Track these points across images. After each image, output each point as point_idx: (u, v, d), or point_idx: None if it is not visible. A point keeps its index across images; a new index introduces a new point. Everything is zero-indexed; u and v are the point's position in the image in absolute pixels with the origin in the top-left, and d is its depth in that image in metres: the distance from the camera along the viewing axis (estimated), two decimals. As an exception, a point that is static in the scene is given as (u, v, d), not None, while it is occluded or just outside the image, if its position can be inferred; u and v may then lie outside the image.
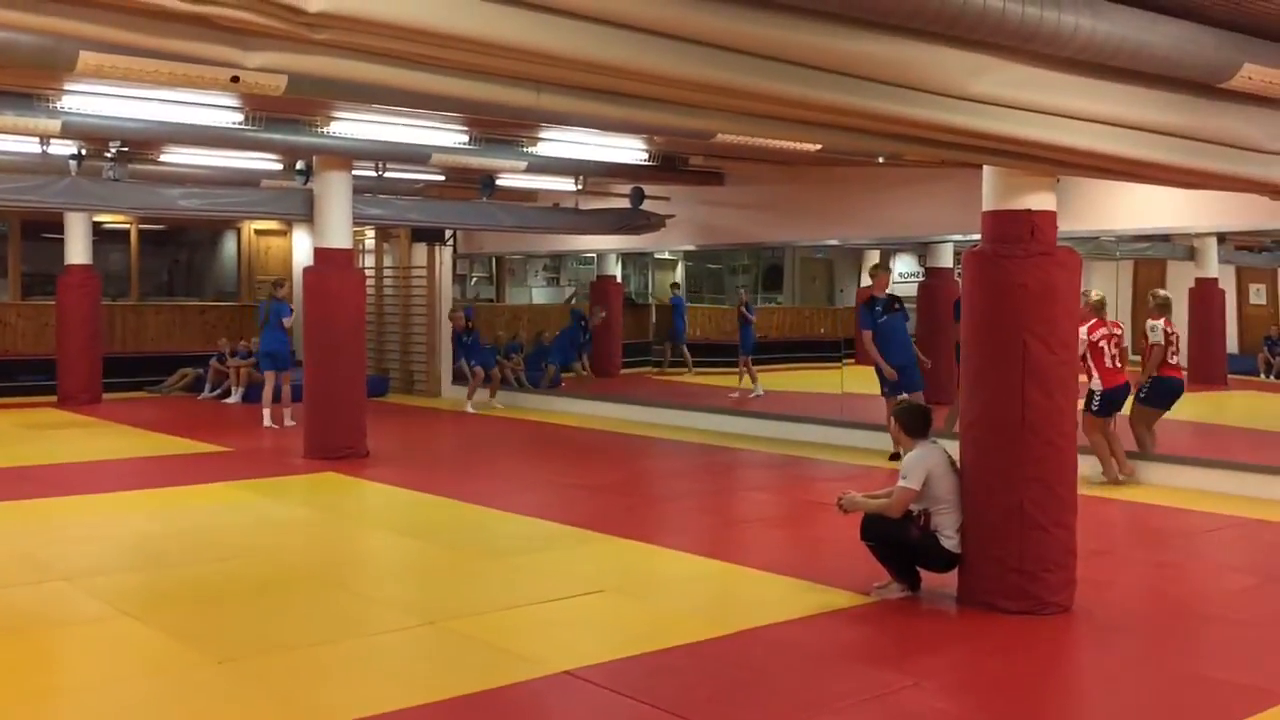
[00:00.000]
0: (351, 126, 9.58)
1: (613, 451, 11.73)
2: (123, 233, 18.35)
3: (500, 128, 10.12)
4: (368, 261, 17.68)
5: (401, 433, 12.75)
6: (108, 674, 4.88)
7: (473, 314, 15.90)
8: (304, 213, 11.62)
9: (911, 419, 5.96)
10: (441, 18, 3.36)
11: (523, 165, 11.26)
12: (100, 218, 16.17)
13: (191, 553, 7.04)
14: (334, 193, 10.88)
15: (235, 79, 5.53)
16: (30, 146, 10.49)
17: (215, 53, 3.68)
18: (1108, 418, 9.34)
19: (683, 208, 13.88)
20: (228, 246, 20.16)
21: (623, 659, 4.98)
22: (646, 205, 13.65)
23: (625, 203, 13.75)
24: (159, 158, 11.76)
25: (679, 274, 20.58)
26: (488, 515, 8.22)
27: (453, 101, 5.69)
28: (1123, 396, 9.45)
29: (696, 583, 6.56)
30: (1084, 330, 8.88)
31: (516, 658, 5.01)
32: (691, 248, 15.23)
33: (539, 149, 10.95)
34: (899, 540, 5.85)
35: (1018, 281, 5.61)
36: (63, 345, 15.09)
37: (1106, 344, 9.28)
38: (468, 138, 10.26)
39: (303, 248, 18.63)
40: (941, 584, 5.93)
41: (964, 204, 7.49)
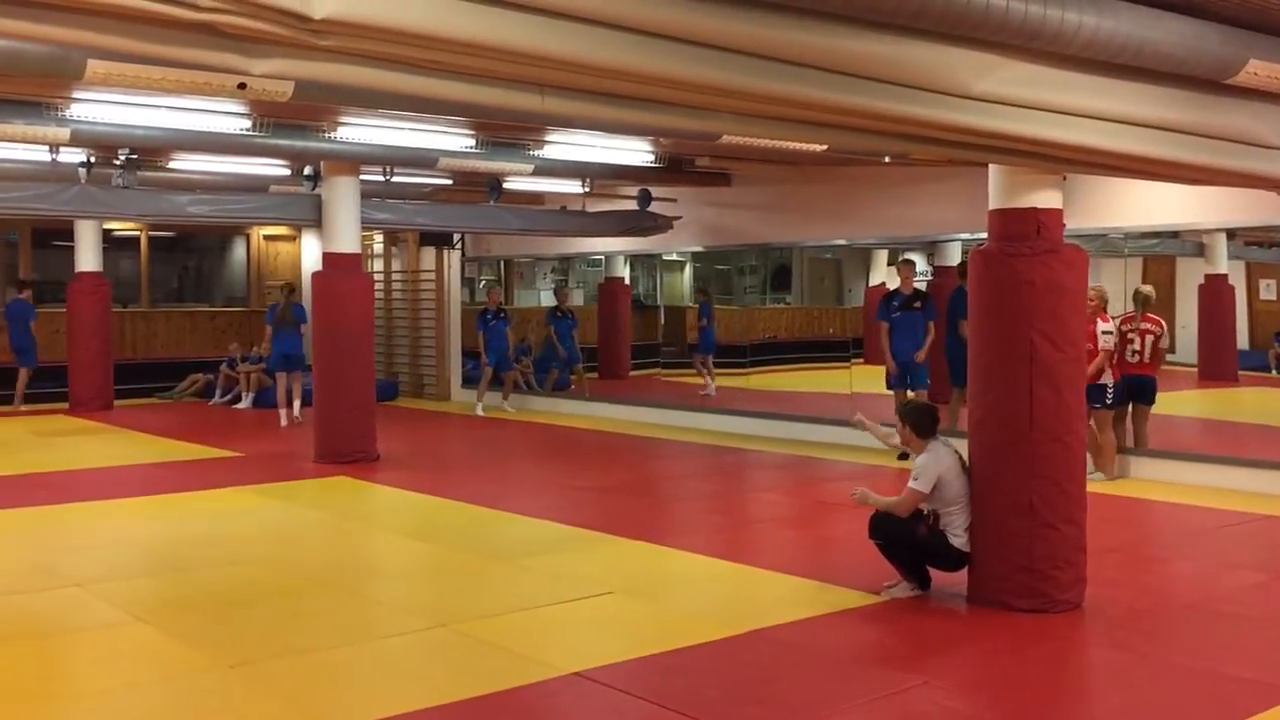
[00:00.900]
0: (359, 131, 9.60)
1: (622, 453, 11.74)
2: (132, 240, 18.42)
3: (507, 131, 10.14)
4: (376, 266, 17.72)
5: (411, 436, 12.78)
6: (121, 679, 4.90)
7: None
8: (312, 218, 11.65)
9: (919, 418, 5.96)
10: (446, 23, 3.37)
11: (530, 168, 11.28)
12: (110, 225, 16.23)
13: (204, 558, 7.07)
14: (342, 197, 10.92)
15: (242, 86, 5.55)
16: (40, 155, 10.54)
17: (222, 60, 3.69)
18: (1113, 409, 9.39)
19: (690, 209, 13.89)
20: (237, 252, 20.22)
21: (633, 660, 4.99)
22: (654, 207, 13.67)
23: (633, 205, 13.76)
24: (168, 164, 11.81)
25: (687, 275, 20.60)
26: (498, 518, 8.24)
27: (458, 106, 5.69)
28: (1136, 386, 9.55)
29: (707, 583, 6.57)
30: (1114, 323, 9.36)
31: (527, 660, 5.02)
32: (699, 249, 15.24)
33: (546, 152, 10.97)
34: (907, 539, 5.85)
35: (1025, 279, 5.61)
36: (74, 352, 15.15)
37: (1139, 337, 9.50)
38: (474, 141, 10.28)
39: (311, 253, 18.66)
40: (951, 583, 5.93)
41: (971, 202, 7.48)
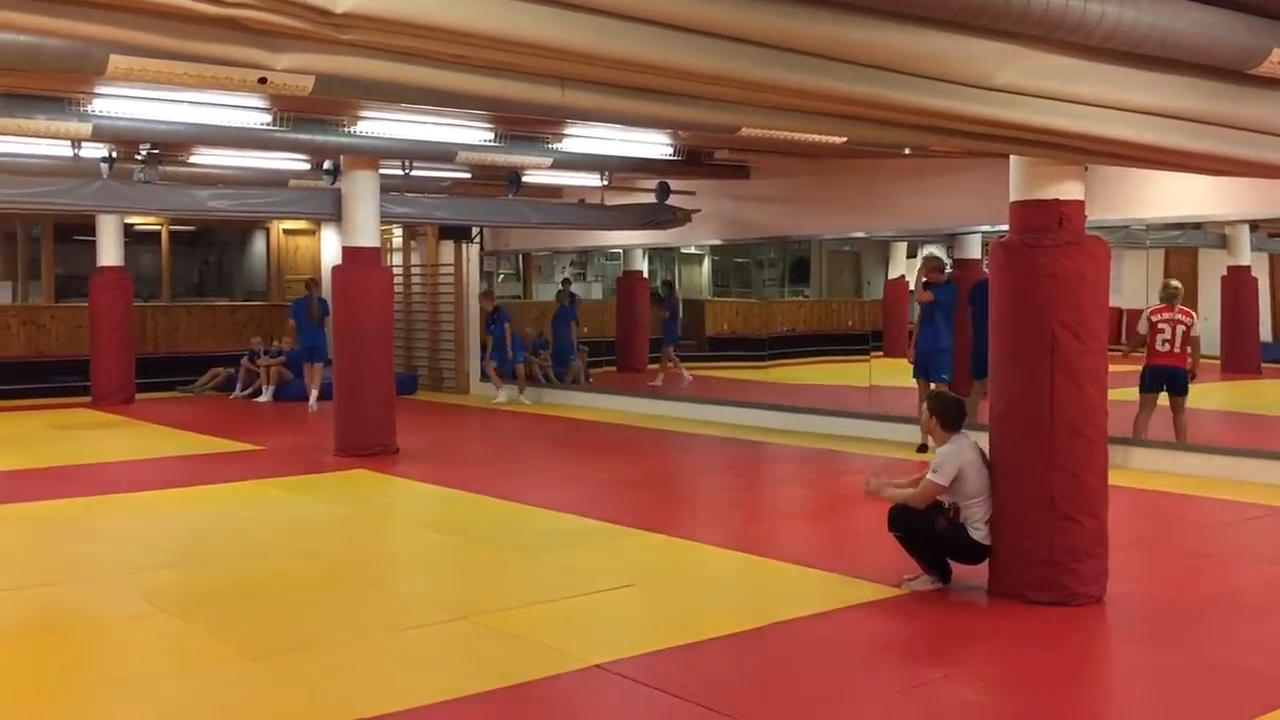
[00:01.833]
0: (378, 125, 9.63)
1: (641, 446, 11.75)
2: (154, 234, 18.54)
3: (526, 125, 10.15)
4: (395, 260, 17.77)
5: (431, 430, 12.81)
6: (147, 670, 4.95)
7: (501, 310, 15.83)
8: (332, 212, 11.69)
9: (946, 410, 5.94)
10: (467, 16, 3.38)
11: (548, 162, 11.29)
12: (131, 220, 16.34)
13: (226, 550, 7.12)
14: (361, 192, 10.95)
15: (263, 80, 5.56)
16: (62, 150, 10.62)
17: (244, 55, 3.71)
18: (1151, 394, 9.64)
19: (709, 202, 13.87)
20: (257, 246, 20.33)
21: (654, 653, 5.00)
22: (672, 200, 13.66)
23: (651, 198, 13.76)
24: (188, 159, 11.87)
25: (705, 268, 20.59)
26: (518, 511, 8.26)
27: (478, 99, 5.72)
28: (1163, 376, 9.66)
29: (727, 576, 6.57)
30: (1147, 312, 9.65)
31: (548, 651, 5.04)
32: (718, 242, 15.21)
33: (564, 145, 10.97)
34: (927, 532, 5.84)
35: (1046, 271, 5.58)
36: (96, 346, 15.25)
37: (1169, 327, 9.62)
38: (493, 135, 10.29)
39: (331, 247, 18.74)
40: (972, 576, 5.91)
41: (991, 194, 7.44)
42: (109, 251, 15.38)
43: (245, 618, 5.64)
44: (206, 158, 11.77)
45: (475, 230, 16.47)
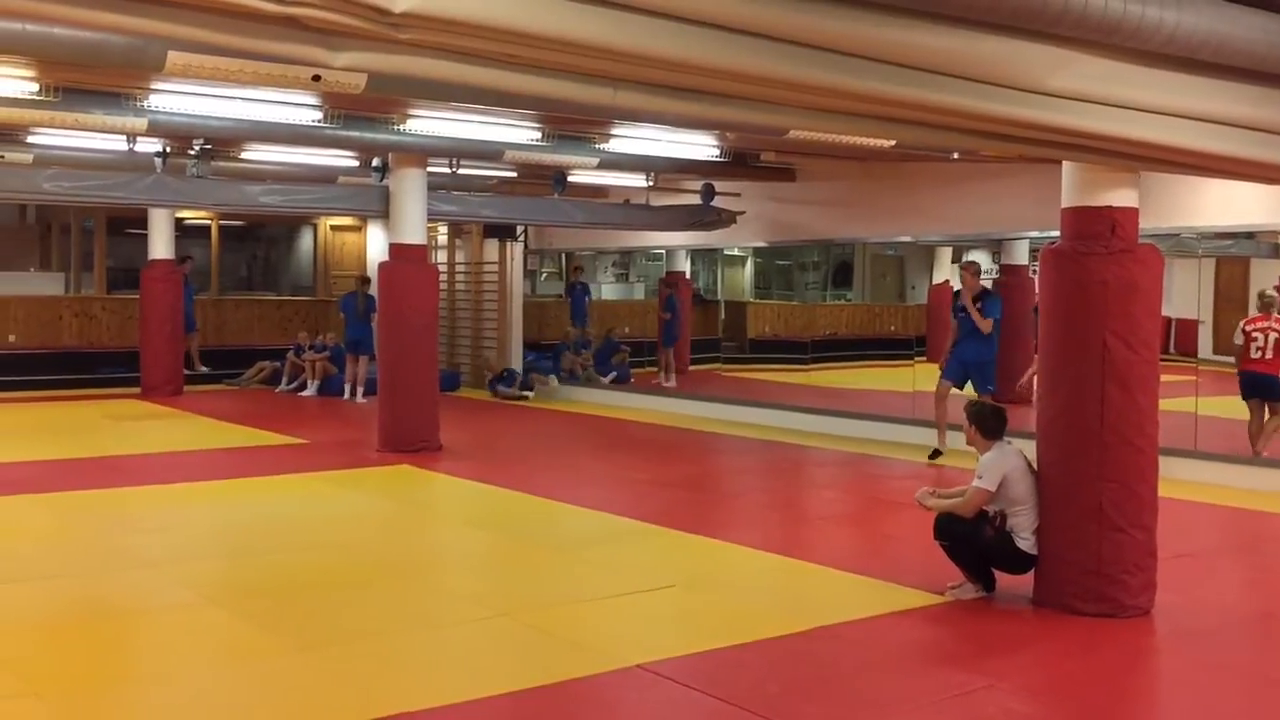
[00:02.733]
0: (427, 124, 9.70)
1: (681, 447, 11.75)
2: (204, 228, 18.77)
3: (573, 124, 10.18)
4: (440, 257, 17.87)
5: (473, 427, 12.88)
6: (193, 660, 5.01)
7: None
8: (380, 209, 11.79)
9: (985, 419, 5.90)
10: (523, 17, 3.40)
11: (594, 162, 11.32)
12: (182, 213, 16.53)
13: (272, 542, 7.19)
14: (409, 189, 11.02)
15: (316, 78, 5.62)
16: (118, 144, 10.78)
17: (302, 53, 3.76)
18: (1250, 401, 9.73)
19: (753, 204, 13.84)
20: (304, 242, 20.54)
21: (694, 654, 5.00)
22: (717, 201, 13.64)
23: (696, 199, 13.75)
24: (240, 155, 12.02)
25: (748, 270, 20.57)
26: (558, 509, 8.29)
27: (531, 99, 5.74)
28: (1258, 382, 9.77)
29: (767, 579, 6.56)
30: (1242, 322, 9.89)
31: (589, 651, 5.06)
32: (762, 244, 15.18)
33: (611, 145, 11.00)
34: (973, 541, 5.79)
35: (1098, 279, 5.52)
36: (146, 338, 15.46)
37: (1263, 335, 9.73)
38: (541, 135, 10.34)
39: (377, 243, 18.87)
40: (1017, 585, 5.86)
41: (1041, 200, 7.38)
42: (160, 244, 15.58)
43: (290, 610, 5.70)
44: (258, 154, 11.91)
45: (520, 229, 16.54)
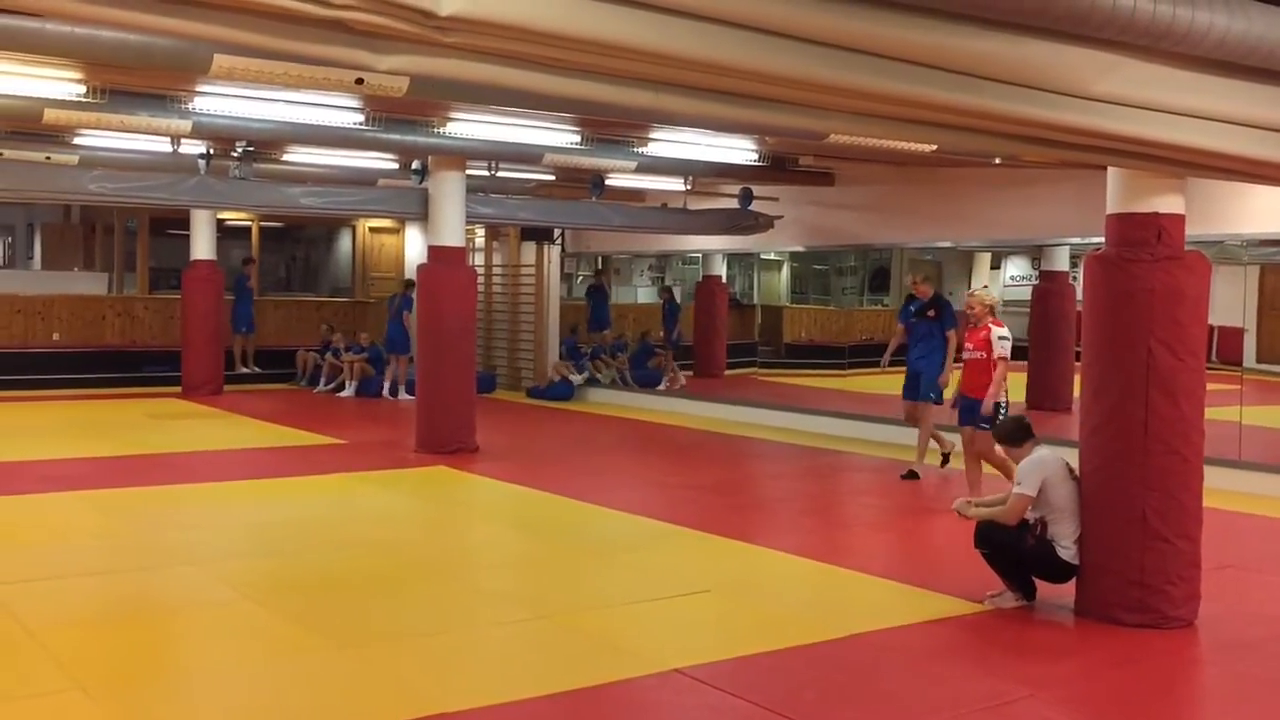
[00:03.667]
0: (467, 127, 9.75)
1: (717, 452, 11.73)
2: (244, 229, 18.96)
3: (611, 128, 10.20)
4: (478, 259, 17.95)
5: (509, 429, 12.92)
6: (233, 657, 5.06)
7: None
8: (419, 211, 11.86)
9: (1008, 433, 5.92)
10: (567, 20, 3.41)
11: (633, 165, 11.33)
12: (223, 215, 16.72)
13: (310, 541, 7.25)
14: (448, 192, 11.08)
15: (359, 81, 5.66)
16: (162, 146, 10.93)
17: (348, 56, 3.78)
18: None
19: (791, 208, 13.80)
20: (343, 243, 20.69)
21: (731, 659, 4.99)
22: (755, 205, 13.62)
23: (733, 203, 13.73)
24: (282, 157, 12.13)
25: (785, 275, 20.50)
26: (594, 512, 8.30)
27: (573, 102, 5.75)
28: None
29: (803, 585, 6.53)
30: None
31: (626, 654, 5.06)
32: (800, 248, 15.13)
33: (649, 149, 11.00)
34: (1013, 549, 5.74)
35: (1144, 286, 5.46)
36: (187, 337, 15.64)
37: None
38: (579, 138, 10.36)
39: (415, 245, 19.00)
40: (1058, 594, 5.81)
41: (1083, 205, 7.33)
42: (202, 245, 15.75)
43: (329, 608, 5.74)
44: (299, 156, 12.02)
45: (557, 232, 16.57)
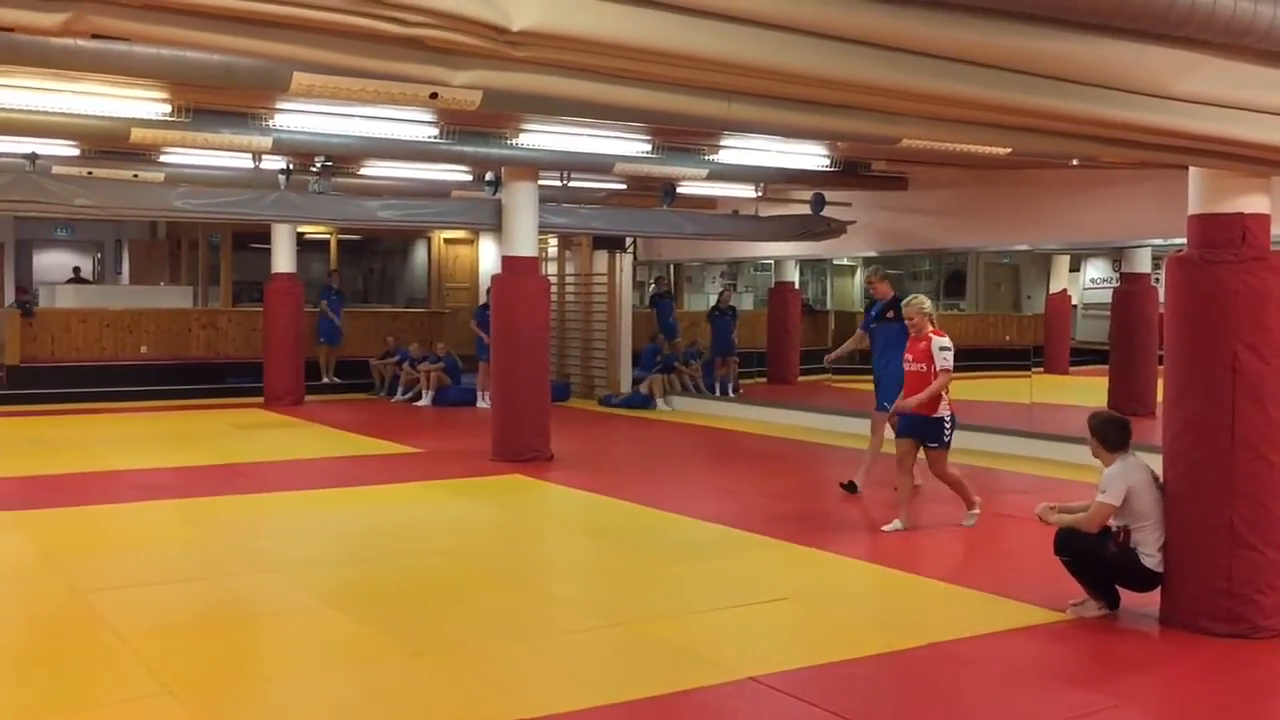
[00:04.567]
0: (538, 138, 9.84)
1: (790, 458, 11.68)
2: (323, 243, 19.34)
3: (682, 136, 10.22)
4: (550, 269, 18.09)
5: (583, 437, 13.00)
6: (314, 663, 5.15)
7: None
8: (493, 222, 11.99)
9: (1108, 430, 5.73)
10: (639, 32, 3.44)
11: (704, 173, 11.34)
12: (303, 228, 17.07)
13: (389, 549, 7.36)
14: (521, 203, 11.18)
15: (434, 95, 5.77)
16: (243, 162, 11.19)
17: (424, 72, 3.85)
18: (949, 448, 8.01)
19: (864, 213, 13.71)
20: (418, 255, 20.99)
21: (808, 667, 4.96)
22: (827, 211, 13.55)
23: (805, 209, 13.67)
24: (359, 171, 12.35)
25: (858, 280, 20.33)
26: (668, 520, 8.31)
27: (645, 113, 5.79)
28: None
29: (879, 593, 6.48)
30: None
31: (702, 661, 5.06)
32: (873, 254, 15.01)
33: (720, 156, 11.01)
34: (1095, 556, 5.64)
35: (1229, 288, 5.33)
36: (269, 349, 15.98)
37: None
38: (650, 146, 10.40)
39: (488, 256, 19.21)
40: (1142, 603, 5.69)
41: (1164, 206, 7.18)
42: (282, 258, 16.09)
43: (407, 615, 5.82)
44: (375, 169, 12.23)
45: (629, 240, 16.65)
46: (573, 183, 12.70)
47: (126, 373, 16.41)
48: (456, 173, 12.50)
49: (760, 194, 13.56)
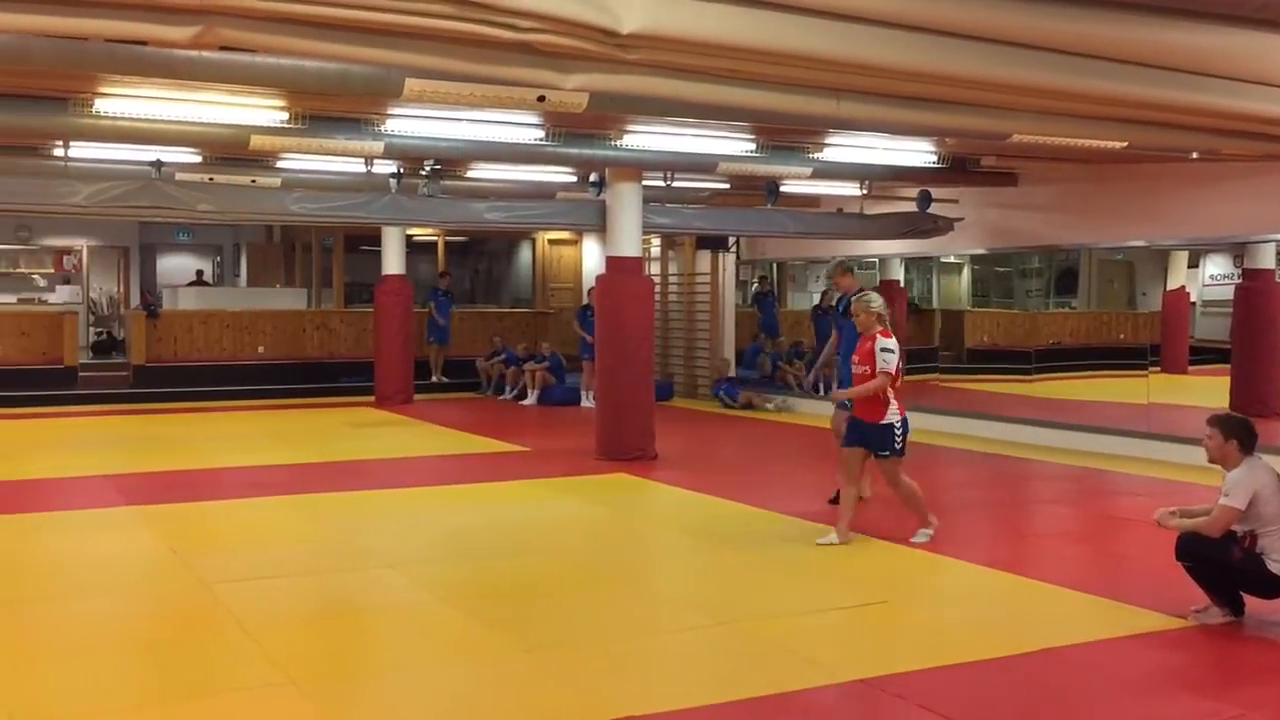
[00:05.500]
0: (643, 139, 9.89)
1: (898, 459, 11.52)
2: (431, 244, 19.71)
3: (787, 135, 10.17)
4: (653, 269, 18.14)
5: (687, 436, 13.01)
6: (430, 655, 5.27)
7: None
8: (597, 223, 12.08)
9: (1237, 432, 5.56)
10: (750, 32, 3.45)
11: (808, 171, 11.26)
12: (411, 230, 17.41)
13: (498, 546, 7.47)
14: (625, 203, 11.25)
15: (541, 98, 5.84)
16: (356, 167, 11.48)
17: (535, 76, 3.93)
18: (903, 455, 7.47)
19: (972, 210, 13.47)
20: (523, 256, 21.26)
21: (918, 670, 4.90)
22: (934, 208, 13.35)
23: (911, 206, 13.49)
24: (466, 174, 12.57)
25: (965, 278, 20.00)
26: (772, 519, 8.28)
27: (753, 113, 5.79)
28: None
29: (988, 596, 6.37)
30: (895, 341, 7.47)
31: (810, 663, 5.04)
32: (981, 251, 14.75)
33: (825, 155, 10.93)
34: (1218, 562, 5.46)
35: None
36: (380, 349, 16.34)
37: None
38: (754, 145, 10.37)
39: (592, 256, 19.36)
40: (1270, 610, 5.49)
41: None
42: (392, 260, 16.42)
43: (516, 611, 5.91)
44: (482, 172, 12.42)
45: (732, 240, 16.61)
46: (676, 182, 12.73)
47: (245, 372, 16.95)
48: (561, 174, 12.63)
49: (865, 192, 13.42)
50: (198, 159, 11.21)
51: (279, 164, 11.78)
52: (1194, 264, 15.40)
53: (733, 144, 10.26)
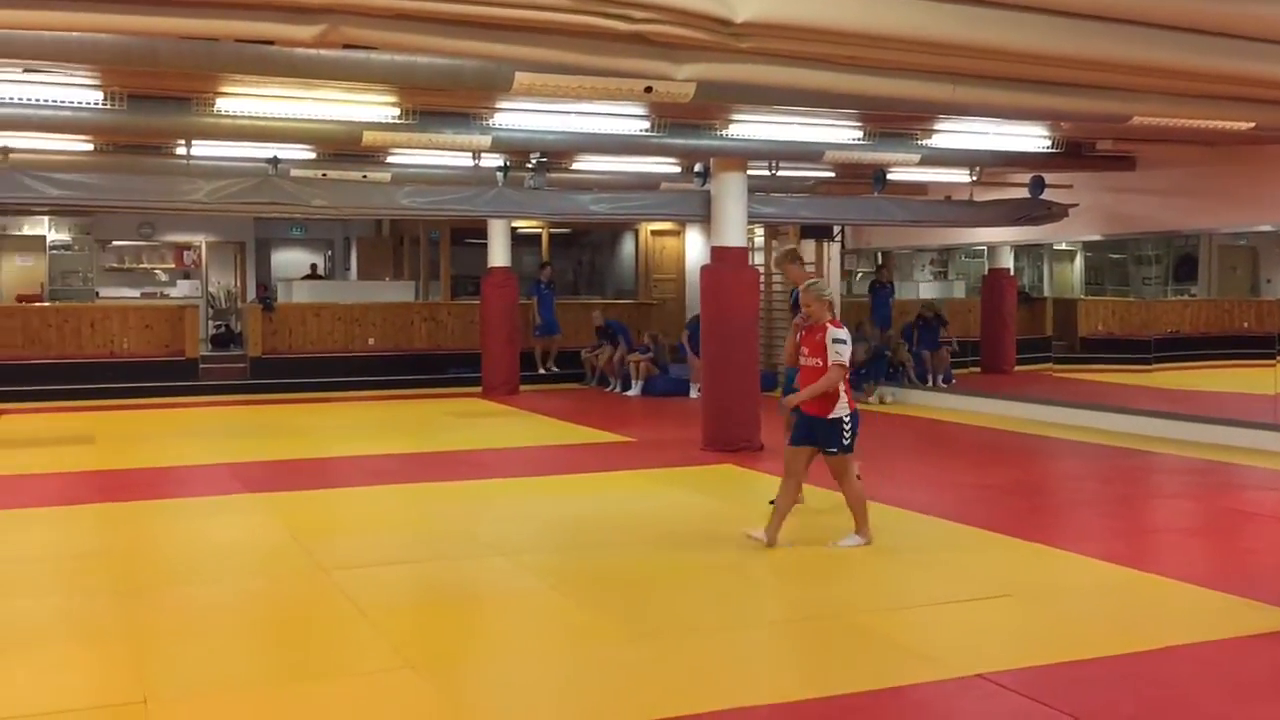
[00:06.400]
0: (748, 128, 9.84)
1: (1010, 451, 11.30)
2: (534, 236, 19.90)
3: (895, 121, 10.03)
4: (757, 259, 18.03)
5: (792, 427, 12.91)
6: (540, 641, 5.36)
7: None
8: (701, 213, 12.06)
9: None
10: (864, 18, 3.41)
11: (916, 158, 11.10)
12: (516, 223, 17.61)
13: (604, 535, 7.52)
14: (730, 193, 11.20)
15: (648, 89, 5.86)
16: (463, 160, 11.66)
17: (647, 67, 3.94)
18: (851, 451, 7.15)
19: (1087, 195, 13.12)
20: (626, 247, 21.34)
21: (1035, 666, 4.81)
22: (1047, 194, 13.03)
23: (1022, 192, 13.19)
24: (571, 166, 12.66)
25: (1077, 265, 19.49)
26: (884, 512, 8.16)
27: (867, 100, 5.72)
28: None
29: (1109, 592, 6.20)
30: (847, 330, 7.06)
31: (922, 657, 4.97)
32: (1097, 237, 14.36)
33: (933, 141, 10.75)
34: (1355, 559, 5.23)
35: None
36: (486, 340, 16.57)
37: None
38: (861, 133, 10.25)
39: (694, 247, 19.34)
40: None
41: None
42: (498, 253, 16.64)
43: (622, 599, 5.96)
44: (587, 164, 12.50)
45: (836, 229, 16.44)
46: (781, 171, 12.64)
47: (356, 363, 17.35)
48: (665, 165, 12.64)
49: (975, 178, 13.16)
50: (311, 155, 11.50)
51: (389, 159, 12.01)
52: (1324, 248, 14.77)
53: (840, 132, 10.16)
